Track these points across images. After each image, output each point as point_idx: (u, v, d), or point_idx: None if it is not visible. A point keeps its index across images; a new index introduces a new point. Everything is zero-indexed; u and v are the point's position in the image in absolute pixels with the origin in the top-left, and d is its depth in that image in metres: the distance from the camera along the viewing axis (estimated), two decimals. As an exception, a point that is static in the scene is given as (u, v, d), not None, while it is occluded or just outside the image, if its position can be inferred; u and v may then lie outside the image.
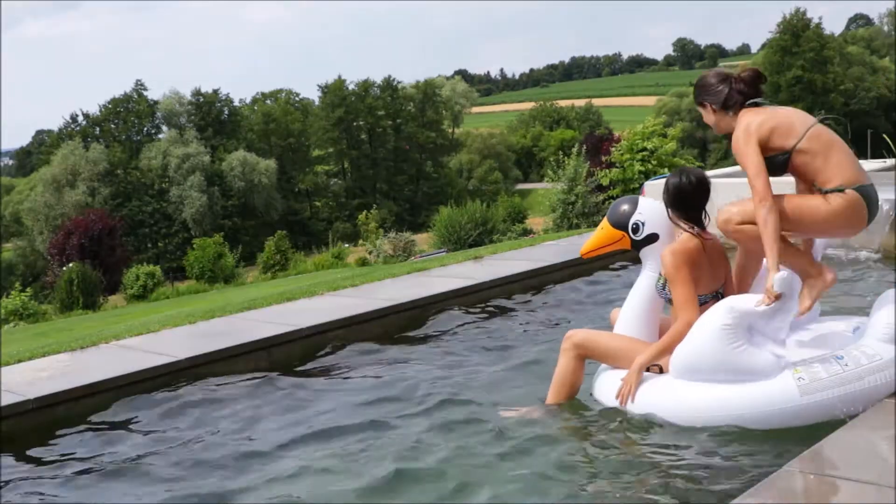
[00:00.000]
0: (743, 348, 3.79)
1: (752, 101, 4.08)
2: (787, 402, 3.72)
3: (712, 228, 4.30)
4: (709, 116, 4.23)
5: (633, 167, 19.79)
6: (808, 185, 4.06)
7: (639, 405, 4.07)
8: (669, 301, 4.22)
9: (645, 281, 4.41)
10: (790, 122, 3.99)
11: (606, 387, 4.28)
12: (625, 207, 4.44)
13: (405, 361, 5.70)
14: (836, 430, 3.42)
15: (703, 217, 4.27)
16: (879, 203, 4.07)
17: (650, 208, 4.41)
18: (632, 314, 4.39)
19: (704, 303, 4.13)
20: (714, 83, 4.18)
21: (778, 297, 3.77)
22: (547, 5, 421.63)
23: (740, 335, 3.80)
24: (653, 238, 4.36)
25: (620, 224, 4.41)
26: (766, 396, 3.75)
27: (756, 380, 3.78)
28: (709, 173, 4.64)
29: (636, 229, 4.38)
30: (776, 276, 3.77)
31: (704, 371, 3.88)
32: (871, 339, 3.88)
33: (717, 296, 4.20)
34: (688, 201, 4.24)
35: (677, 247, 4.16)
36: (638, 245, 4.41)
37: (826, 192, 3.95)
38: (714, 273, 4.23)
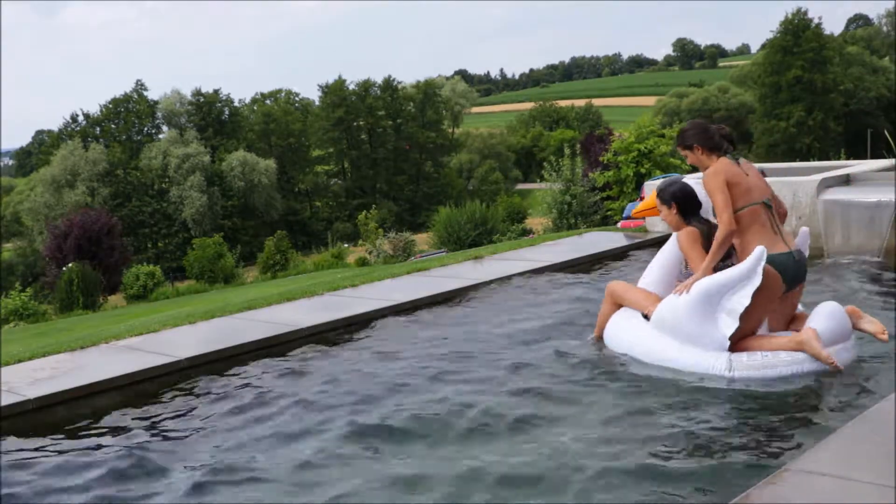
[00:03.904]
0: (706, 323, 4.74)
1: (731, 153, 4.99)
2: (717, 373, 4.72)
3: None
4: (694, 157, 5.07)
5: (626, 168, 19.66)
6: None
7: (620, 341, 5.26)
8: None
9: (668, 247, 5.38)
10: (748, 187, 4.84)
11: (611, 331, 5.43)
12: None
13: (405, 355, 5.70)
14: (836, 430, 3.43)
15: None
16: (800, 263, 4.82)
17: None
18: (656, 274, 5.39)
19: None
20: (703, 130, 5.05)
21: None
22: (547, 5, 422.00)
23: (708, 313, 4.72)
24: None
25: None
26: (706, 364, 4.76)
27: (706, 349, 4.77)
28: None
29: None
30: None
31: (673, 329, 4.89)
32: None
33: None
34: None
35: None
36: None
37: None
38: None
